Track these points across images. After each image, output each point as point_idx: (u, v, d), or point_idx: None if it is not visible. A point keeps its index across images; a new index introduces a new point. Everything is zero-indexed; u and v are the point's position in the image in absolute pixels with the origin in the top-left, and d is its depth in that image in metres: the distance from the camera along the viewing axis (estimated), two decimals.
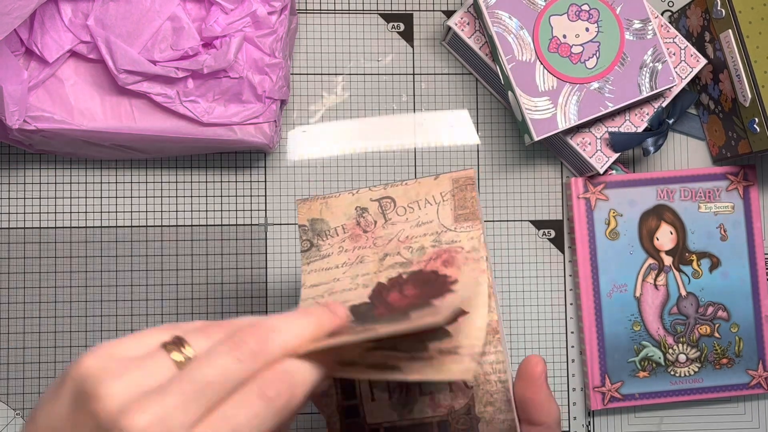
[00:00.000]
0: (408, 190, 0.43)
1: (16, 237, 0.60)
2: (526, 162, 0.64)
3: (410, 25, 0.64)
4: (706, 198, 0.63)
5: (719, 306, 0.62)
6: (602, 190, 0.62)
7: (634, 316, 0.62)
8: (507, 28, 0.57)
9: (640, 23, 0.57)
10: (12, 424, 0.59)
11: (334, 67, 0.63)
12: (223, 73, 0.54)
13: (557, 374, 0.63)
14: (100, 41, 0.52)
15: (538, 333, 0.63)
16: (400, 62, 0.64)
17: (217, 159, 0.62)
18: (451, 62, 0.64)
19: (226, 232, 0.61)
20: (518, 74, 0.56)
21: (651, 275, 0.62)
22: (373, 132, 0.63)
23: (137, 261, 0.61)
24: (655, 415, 0.63)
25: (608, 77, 0.57)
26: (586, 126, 0.59)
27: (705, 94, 0.63)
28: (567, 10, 0.57)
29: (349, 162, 0.63)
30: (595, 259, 0.62)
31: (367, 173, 0.63)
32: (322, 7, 0.63)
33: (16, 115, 0.51)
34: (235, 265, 0.61)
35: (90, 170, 0.61)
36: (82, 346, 0.60)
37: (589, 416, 0.63)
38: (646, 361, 0.62)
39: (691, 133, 0.65)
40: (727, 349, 0.62)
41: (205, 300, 0.61)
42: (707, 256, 0.62)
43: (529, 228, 0.64)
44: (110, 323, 0.60)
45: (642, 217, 0.62)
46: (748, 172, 0.63)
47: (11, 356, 0.59)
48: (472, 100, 0.64)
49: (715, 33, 0.59)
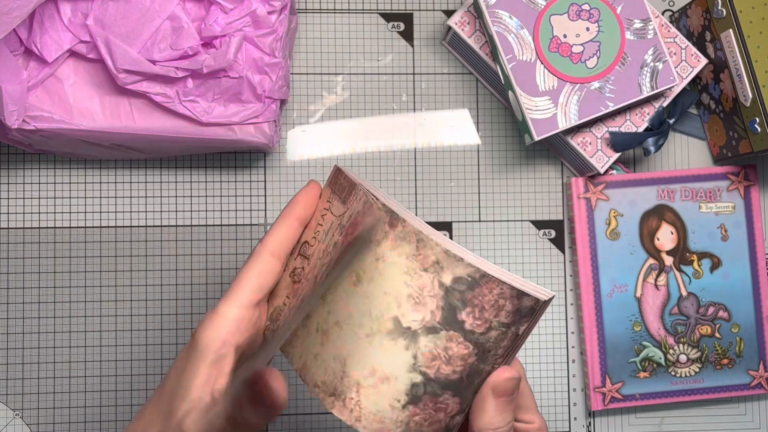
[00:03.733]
0: (309, 224, 0.44)
1: (16, 237, 0.60)
2: (526, 162, 0.64)
3: (410, 25, 0.64)
4: (706, 198, 0.63)
5: (720, 306, 0.62)
6: (603, 190, 0.62)
7: (634, 317, 0.61)
8: (507, 27, 0.57)
9: (640, 23, 0.57)
10: (12, 425, 0.59)
11: (334, 66, 0.63)
12: (223, 72, 0.54)
13: (557, 374, 0.63)
14: (100, 41, 0.52)
15: (539, 333, 0.63)
16: (400, 62, 0.63)
17: (216, 159, 0.62)
18: (452, 62, 0.64)
19: (226, 232, 0.61)
20: (519, 74, 0.56)
21: (652, 275, 0.62)
22: (373, 132, 0.63)
23: (137, 261, 0.60)
24: (656, 415, 0.63)
25: (609, 77, 0.57)
26: (587, 126, 0.59)
27: (706, 94, 0.63)
28: (567, 9, 0.57)
29: (349, 162, 0.62)
30: (596, 259, 0.61)
31: (367, 173, 0.62)
32: (322, 6, 0.63)
33: (15, 114, 0.51)
34: (235, 266, 0.61)
35: (90, 170, 0.61)
36: (81, 346, 0.60)
37: (589, 417, 0.63)
38: (647, 362, 0.61)
39: (691, 133, 0.65)
40: (728, 350, 0.62)
41: (205, 300, 0.61)
42: (708, 257, 0.62)
43: (529, 228, 0.63)
44: (110, 323, 0.60)
45: (643, 217, 0.62)
46: (749, 172, 0.63)
47: (11, 356, 0.59)
48: (472, 100, 0.64)
49: (715, 32, 0.59)
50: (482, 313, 0.36)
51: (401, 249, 0.37)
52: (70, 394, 0.59)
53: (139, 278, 0.60)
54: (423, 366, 0.37)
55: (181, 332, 0.60)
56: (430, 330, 0.36)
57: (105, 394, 0.60)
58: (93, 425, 0.59)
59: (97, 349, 0.60)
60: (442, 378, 0.37)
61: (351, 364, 0.37)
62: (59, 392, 0.59)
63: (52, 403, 0.59)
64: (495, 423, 0.37)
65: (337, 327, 0.38)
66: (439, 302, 0.36)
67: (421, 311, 0.37)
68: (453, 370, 0.37)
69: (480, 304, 0.36)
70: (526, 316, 0.37)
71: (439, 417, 0.38)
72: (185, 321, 0.60)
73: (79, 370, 0.60)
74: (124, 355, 0.60)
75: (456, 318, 0.36)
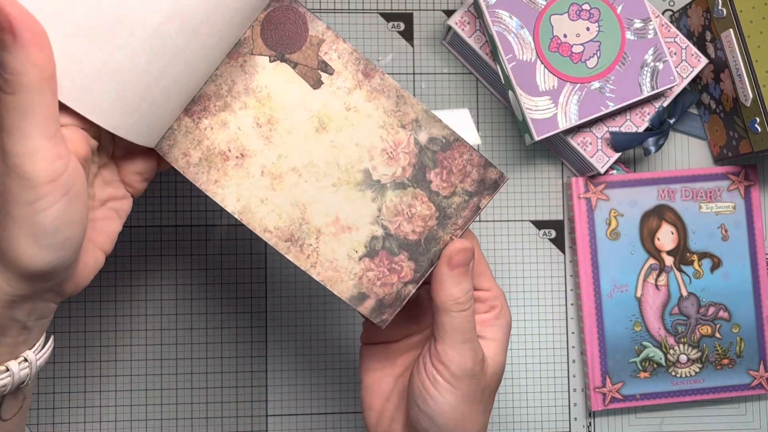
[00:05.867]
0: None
1: None
2: (526, 162, 0.64)
3: (410, 25, 0.64)
4: (707, 198, 0.63)
5: (720, 306, 0.62)
6: (603, 190, 0.62)
7: (635, 317, 0.61)
8: (507, 27, 0.57)
9: (641, 22, 0.57)
10: None
11: None
12: None
13: (558, 375, 0.63)
14: None
15: (539, 333, 0.63)
16: (400, 62, 0.63)
17: None
18: (452, 62, 0.64)
19: (226, 233, 0.61)
20: (519, 74, 0.56)
21: (652, 275, 0.62)
22: None
23: (137, 261, 0.60)
24: (656, 415, 0.63)
25: (609, 77, 0.57)
26: (587, 126, 0.59)
27: (706, 94, 0.63)
28: (568, 9, 0.57)
29: None
30: (596, 259, 0.61)
31: None
32: (322, 6, 0.63)
33: None
34: (235, 266, 0.61)
35: None
36: (81, 346, 0.60)
37: (589, 417, 0.63)
38: (647, 362, 0.61)
39: (692, 133, 0.65)
40: (728, 350, 0.62)
41: (205, 300, 0.61)
42: (708, 257, 0.62)
43: (529, 228, 0.63)
44: (110, 323, 0.60)
45: (643, 217, 0.62)
46: (749, 172, 0.63)
47: None
48: (472, 100, 0.64)
49: (716, 32, 0.59)
50: (449, 176, 0.39)
51: (378, 102, 0.38)
52: (70, 394, 0.59)
53: (139, 278, 0.60)
54: (385, 220, 0.38)
55: (181, 332, 0.60)
56: (398, 185, 0.38)
57: (105, 394, 0.60)
58: (92, 426, 0.59)
59: (96, 349, 0.60)
60: (401, 236, 0.39)
61: (312, 211, 0.38)
62: (59, 392, 0.59)
63: (52, 403, 0.59)
64: (454, 294, 0.39)
65: (294, 173, 0.38)
66: (412, 159, 0.38)
67: (393, 166, 0.38)
68: (413, 230, 0.39)
69: (449, 167, 0.39)
70: (488, 189, 0.39)
71: (392, 280, 0.39)
72: (185, 321, 0.60)
73: (78, 369, 0.60)
74: (123, 355, 0.60)
75: (425, 177, 0.38)
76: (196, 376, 0.60)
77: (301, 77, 0.38)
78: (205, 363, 0.60)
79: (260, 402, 0.61)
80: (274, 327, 0.61)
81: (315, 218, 0.38)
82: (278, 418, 0.61)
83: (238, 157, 0.39)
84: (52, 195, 0.30)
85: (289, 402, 0.61)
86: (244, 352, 0.61)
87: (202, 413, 0.60)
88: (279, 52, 0.38)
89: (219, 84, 0.39)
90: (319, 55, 0.38)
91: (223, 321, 0.61)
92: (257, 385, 0.61)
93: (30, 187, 0.29)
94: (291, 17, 0.38)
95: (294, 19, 0.38)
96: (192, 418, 0.60)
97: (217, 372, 0.60)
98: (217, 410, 0.60)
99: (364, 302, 0.39)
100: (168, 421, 0.60)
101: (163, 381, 0.60)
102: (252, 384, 0.61)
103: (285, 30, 0.38)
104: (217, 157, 0.39)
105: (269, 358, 0.61)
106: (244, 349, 0.61)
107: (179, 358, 0.60)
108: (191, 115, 0.39)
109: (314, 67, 0.38)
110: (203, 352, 0.60)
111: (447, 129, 0.38)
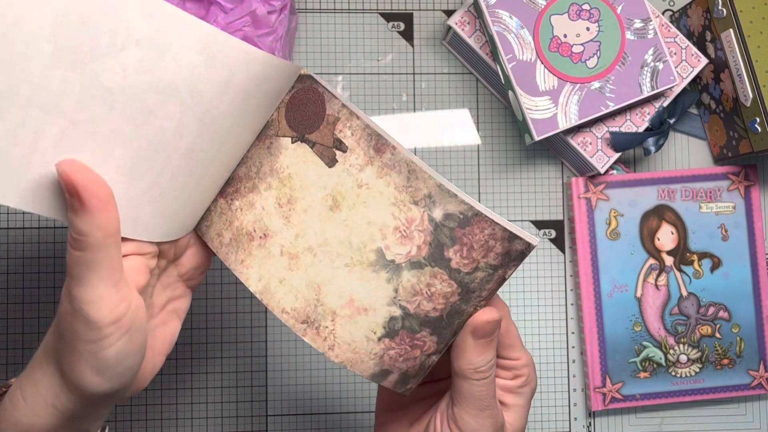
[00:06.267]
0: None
1: (16, 237, 0.60)
2: (526, 162, 0.64)
3: (410, 25, 0.64)
4: (707, 198, 0.63)
5: (720, 306, 0.62)
6: (603, 190, 0.62)
7: (635, 317, 0.61)
8: (507, 27, 0.57)
9: (641, 22, 0.57)
10: None
11: (334, 66, 0.63)
12: None
13: (558, 375, 0.63)
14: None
15: (539, 333, 0.63)
16: (400, 62, 0.63)
17: None
18: (452, 62, 0.64)
19: None
20: (519, 74, 0.56)
21: (652, 275, 0.62)
22: None
23: None
24: (656, 415, 0.63)
25: (609, 77, 0.57)
26: (587, 126, 0.59)
27: (706, 94, 0.63)
28: (568, 9, 0.57)
29: None
30: (596, 259, 0.61)
31: None
32: (322, 6, 0.63)
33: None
34: None
35: None
36: None
37: (589, 417, 0.63)
38: (647, 362, 0.61)
39: (692, 133, 0.65)
40: (728, 350, 0.62)
41: (205, 300, 0.61)
42: (708, 257, 0.62)
43: (529, 228, 0.63)
44: None
45: (643, 217, 0.62)
46: (749, 172, 0.63)
47: (10, 357, 0.59)
48: (472, 100, 0.64)
49: (716, 32, 0.59)
50: (470, 253, 0.36)
51: (389, 178, 0.36)
52: None
53: None
54: (403, 300, 0.36)
55: (181, 332, 0.60)
56: (414, 265, 0.36)
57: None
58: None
59: None
60: (422, 314, 0.37)
61: (327, 292, 0.37)
62: None
63: None
64: (475, 363, 0.37)
65: (309, 253, 0.37)
66: (428, 237, 0.36)
67: (407, 245, 0.36)
68: (434, 308, 0.37)
69: (469, 243, 0.36)
70: (515, 260, 0.36)
71: (414, 354, 0.37)
72: (185, 321, 0.60)
73: None
74: None
75: (443, 255, 0.36)
76: (196, 376, 0.60)
77: (318, 156, 0.37)
78: (205, 363, 0.60)
79: (260, 402, 0.61)
80: (274, 327, 0.61)
81: (329, 299, 0.37)
82: (278, 418, 0.61)
83: (261, 237, 0.38)
84: (115, 335, 0.32)
85: (289, 402, 0.61)
86: (244, 352, 0.61)
87: (202, 413, 0.60)
88: (300, 133, 0.38)
89: (249, 166, 0.39)
90: (334, 134, 0.37)
91: (223, 321, 0.61)
92: (257, 385, 0.61)
93: (94, 329, 0.31)
94: (311, 97, 0.38)
95: (314, 99, 0.38)
96: (192, 418, 0.60)
97: (217, 372, 0.60)
98: (217, 410, 0.60)
99: (387, 378, 0.38)
100: (168, 421, 0.60)
101: (163, 381, 0.60)
102: (252, 384, 0.61)
103: (306, 110, 0.38)
104: (245, 237, 0.38)
105: (269, 358, 0.61)
106: (244, 349, 0.61)
107: (179, 358, 0.60)
108: (225, 197, 0.39)
109: (330, 145, 0.37)
110: (203, 352, 0.60)
111: (464, 204, 0.35)
